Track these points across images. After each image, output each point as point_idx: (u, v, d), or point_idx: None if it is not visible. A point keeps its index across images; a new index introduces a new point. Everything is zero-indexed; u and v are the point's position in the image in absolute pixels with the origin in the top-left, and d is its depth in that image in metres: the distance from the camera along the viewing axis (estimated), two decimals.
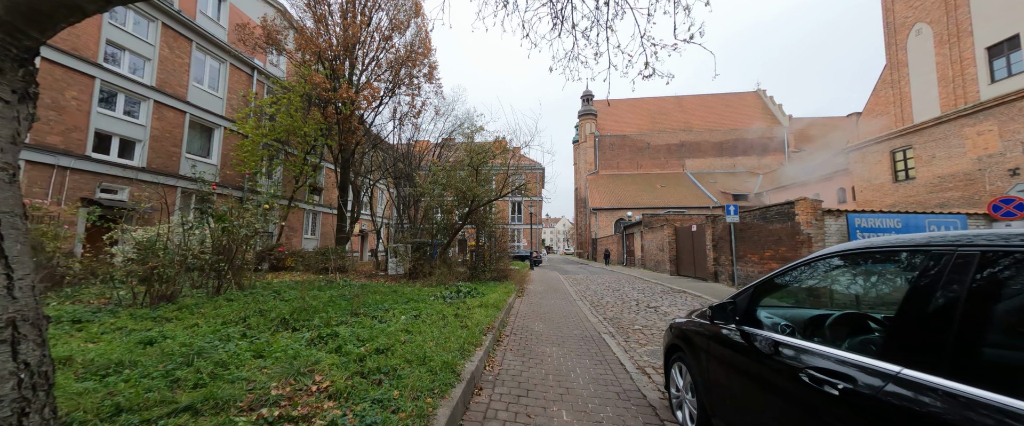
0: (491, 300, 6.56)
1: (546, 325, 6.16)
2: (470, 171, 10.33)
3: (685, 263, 17.32)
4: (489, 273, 10.55)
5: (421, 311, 5.26)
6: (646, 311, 8.30)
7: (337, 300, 5.82)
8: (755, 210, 11.60)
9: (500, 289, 8.65)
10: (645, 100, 62.07)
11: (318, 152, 13.79)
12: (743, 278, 12.00)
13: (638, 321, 7.12)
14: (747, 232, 11.86)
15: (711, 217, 14.31)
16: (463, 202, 10.54)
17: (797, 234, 9.41)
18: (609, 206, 42.20)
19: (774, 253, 10.54)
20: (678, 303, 9.55)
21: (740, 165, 51.42)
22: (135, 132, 12.34)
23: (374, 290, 7.23)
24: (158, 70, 12.94)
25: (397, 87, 12.81)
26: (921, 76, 21.57)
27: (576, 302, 9.18)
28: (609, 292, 11.62)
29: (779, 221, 10.33)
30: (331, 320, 4.42)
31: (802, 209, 9.31)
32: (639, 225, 24.70)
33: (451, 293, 6.97)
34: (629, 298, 10.42)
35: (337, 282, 7.85)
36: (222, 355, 2.96)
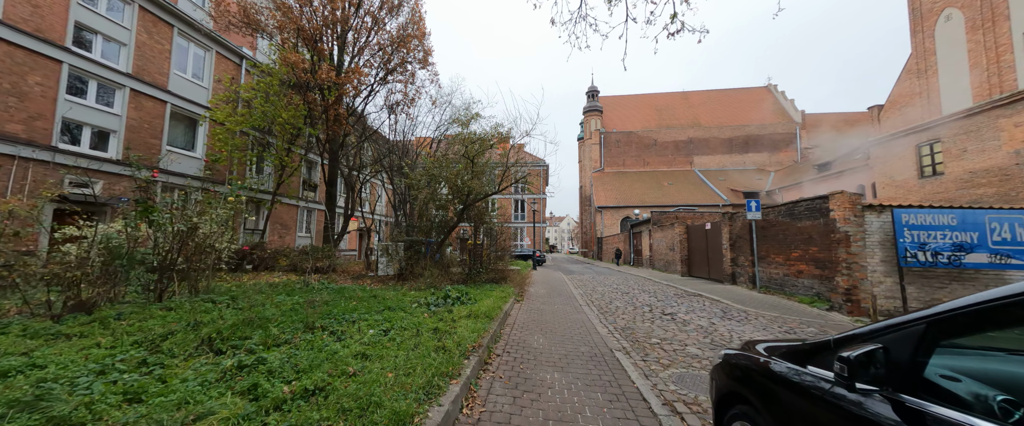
0: (484, 308, 5.60)
1: (547, 339, 5.19)
2: (466, 163, 9.39)
3: (698, 263, 16.24)
4: (486, 274, 9.60)
5: (394, 323, 4.33)
6: (662, 319, 7.29)
7: (300, 308, 4.91)
8: (780, 206, 10.51)
9: (496, 293, 7.69)
10: (652, 96, 60.71)
11: (303, 143, 12.81)
12: (765, 280, 10.92)
13: (655, 332, 6.12)
14: (771, 230, 10.78)
15: (729, 214, 13.23)
16: (459, 197, 9.60)
17: (832, 232, 8.33)
18: (615, 204, 41.07)
19: (803, 253, 9.46)
20: (696, 308, 8.53)
21: (750, 162, 49.96)
22: (109, 122, 11.55)
23: (351, 295, 6.32)
24: (135, 56, 12.14)
25: (390, 74, 11.86)
26: (951, 65, 20.22)
27: (582, 308, 8.19)
28: (618, 295, 10.62)
29: (809, 218, 9.25)
30: (274, 338, 3.50)
31: (838, 204, 8.23)
32: (647, 223, 23.61)
33: (438, 299, 6.04)
34: (640, 302, 9.42)
35: (314, 285, 6.97)
36: (78, 398, 2.05)
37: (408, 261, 9.83)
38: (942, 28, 20.73)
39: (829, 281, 8.56)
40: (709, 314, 7.99)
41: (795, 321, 7.40)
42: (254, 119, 9.91)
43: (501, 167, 9.83)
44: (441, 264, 9.70)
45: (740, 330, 6.48)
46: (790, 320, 7.47)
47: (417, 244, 10.21)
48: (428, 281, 8.02)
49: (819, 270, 8.93)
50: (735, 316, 7.79)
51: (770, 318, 7.67)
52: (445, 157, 9.74)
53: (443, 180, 9.01)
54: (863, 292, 7.84)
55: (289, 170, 11.71)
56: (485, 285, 8.69)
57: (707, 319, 7.43)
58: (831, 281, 8.46)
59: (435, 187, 9.69)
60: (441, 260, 10.92)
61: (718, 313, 8.10)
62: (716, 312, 8.24)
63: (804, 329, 6.71)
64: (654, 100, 59.41)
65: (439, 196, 9.75)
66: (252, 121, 9.92)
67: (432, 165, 9.11)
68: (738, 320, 7.41)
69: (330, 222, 11.91)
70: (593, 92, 57.14)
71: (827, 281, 8.65)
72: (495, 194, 9.76)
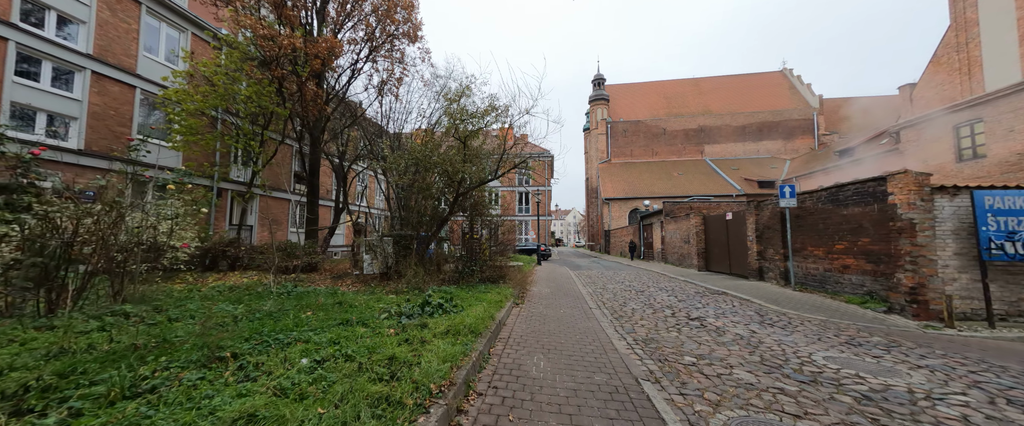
0: (470, 318, 4.42)
1: (550, 361, 4.00)
2: (457, 145, 8.19)
3: (717, 257, 14.90)
4: (483, 273, 8.44)
5: (341, 348, 3.18)
6: (690, 326, 6.06)
7: (228, 324, 3.80)
8: (820, 192, 9.14)
9: (491, 296, 6.52)
10: (660, 83, 58.63)
11: (279, 128, 11.45)
12: (801, 276, 9.60)
13: (686, 346, 4.90)
14: (807, 219, 9.42)
15: (754, 201, 11.86)
16: (450, 185, 8.41)
17: (892, 220, 6.98)
18: (623, 196, 39.62)
19: (850, 245, 8.12)
20: (726, 311, 7.27)
21: (764, 150, 47.96)
22: (68, 108, 10.52)
23: (310, 302, 5.19)
24: (96, 36, 11.05)
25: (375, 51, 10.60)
26: (996, 36, 18.33)
27: (592, 312, 6.99)
28: (632, 295, 9.40)
29: (859, 204, 7.88)
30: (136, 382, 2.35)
31: (901, 186, 6.86)
32: (659, 214, 22.22)
33: (416, 306, 4.88)
34: (659, 303, 8.19)
35: (273, 289, 5.86)
36: None
37: (397, 258, 8.71)
38: None
39: (886, 278, 7.23)
40: (743, 318, 6.74)
41: (851, 327, 6.13)
42: (212, 99, 8.68)
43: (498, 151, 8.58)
44: (432, 261, 8.54)
45: (790, 341, 5.23)
46: (844, 326, 6.19)
47: (406, 239, 9.06)
48: (410, 281, 6.88)
49: (872, 265, 7.59)
50: (775, 321, 6.53)
51: (818, 323, 6.40)
52: (432, 139, 8.52)
53: (430, 165, 7.80)
54: (933, 291, 6.51)
55: (263, 158, 10.50)
56: (479, 286, 7.52)
57: (744, 325, 6.18)
58: (889, 278, 7.13)
59: (424, 175, 8.50)
60: (433, 257, 9.78)
61: (753, 317, 6.84)
62: (750, 315, 6.99)
63: (867, 338, 5.44)
64: (663, 87, 57.34)
65: (429, 185, 8.58)
66: (211, 101, 8.72)
67: (417, 148, 7.90)
68: (781, 327, 6.16)
69: (313, 216, 10.83)
70: (599, 80, 55.26)
71: (883, 278, 7.31)
72: (492, 180, 8.57)
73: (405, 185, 9.39)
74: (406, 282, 6.98)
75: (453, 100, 7.88)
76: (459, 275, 8.06)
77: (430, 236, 8.98)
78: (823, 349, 4.87)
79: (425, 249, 8.31)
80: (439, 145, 8.16)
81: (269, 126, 10.25)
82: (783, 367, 4.13)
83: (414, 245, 8.63)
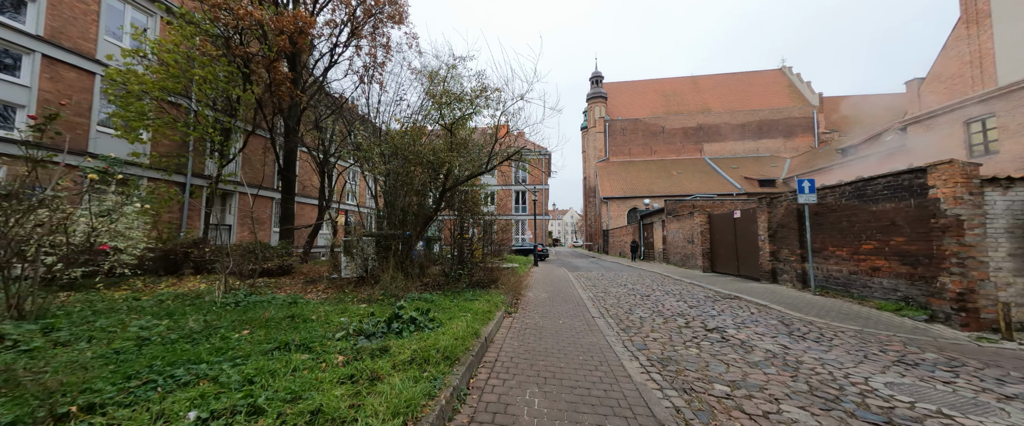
0: (447, 338, 3.54)
1: (547, 397, 3.11)
2: (444, 135, 7.29)
3: (723, 257, 14.10)
4: (474, 276, 7.54)
5: (254, 391, 2.27)
6: (710, 341, 5.20)
7: (127, 351, 2.90)
8: (843, 186, 8.32)
9: (479, 304, 5.63)
10: (658, 81, 57.97)
11: (248, 117, 10.36)
12: (821, 279, 8.78)
13: (712, 368, 4.04)
14: (828, 217, 8.61)
15: (766, 198, 11.04)
16: (436, 179, 7.51)
17: (933, 216, 6.16)
18: (621, 195, 38.85)
19: (880, 245, 7.29)
20: (746, 320, 6.42)
21: (764, 149, 47.38)
22: (14, 95, 9.51)
23: (256, 315, 4.27)
24: (47, 16, 10.04)
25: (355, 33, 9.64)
26: (1010, 27, 17.66)
27: (596, 322, 6.11)
28: (637, 300, 8.54)
29: (892, 199, 7.06)
30: None
31: (945, 177, 6.04)
32: (660, 213, 21.42)
33: (382, 321, 3.97)
34: (669, 310, 7.33)
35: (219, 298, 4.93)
36: None
37: (379, 260, 7.81)
38: None
39: (926, 282, 6.41)
40: (767, 328, 5.89)
41: (895, 340, 5.30)
42: (163, 80, 7.60)
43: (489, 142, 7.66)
44: (415, 264, 7.64)
45: (833, 360, 4.39)
46: (886, 339, 5.36)
47: (388, 239, 8.13)
48: (386, 287, 5.97)
49: (908, 267, 6.77)
50: (805, 332, 5.68)
51: (855, 335, 5.56)
52: (415, 127, 7.59)
53: (412, 156, 6.86)
54: (983, 297, 5.70)
55: (226, 148, 9.46)
56: (467, 292, 6.64)
57: (772, 338, 5.33)
58: (930, 282, 6.31)
59: (407, 167, 7.59)
60: (419, 258, 8.88)
61: (779, 327, 5.99)
62: (774, 325, 6.14)
63: (919, 355, 4.61)
64: (661, 85, 56.70)
65: (412, 179, 7.67)
66: (161, 82, 7.68)
67: (396, 136, 6.96)
68: (814, 339, 5.32)
69: (288, 214, 9.90)
70: (597, 78, 54.49)
71: (922, 282, 6.49)
72: (483, 173, 7.67)
73: (390, 180, 8.48)
74: (381, 288, 6.07)
75: (437, 80, 6.95)
76: (446, 279, 7.16)
77: (415, 235, 8.07)
78: (877, 372, 4.02)
79: (409, 250, 7.41)
80: (423, 134, 7.25)
81: (236, 114, 9.25)
82: (841, 400, 3.27)
83: (397, 246, 7.72)
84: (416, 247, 10.81)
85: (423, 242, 11.36)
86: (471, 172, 7.69)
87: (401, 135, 7.00)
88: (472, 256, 8.77)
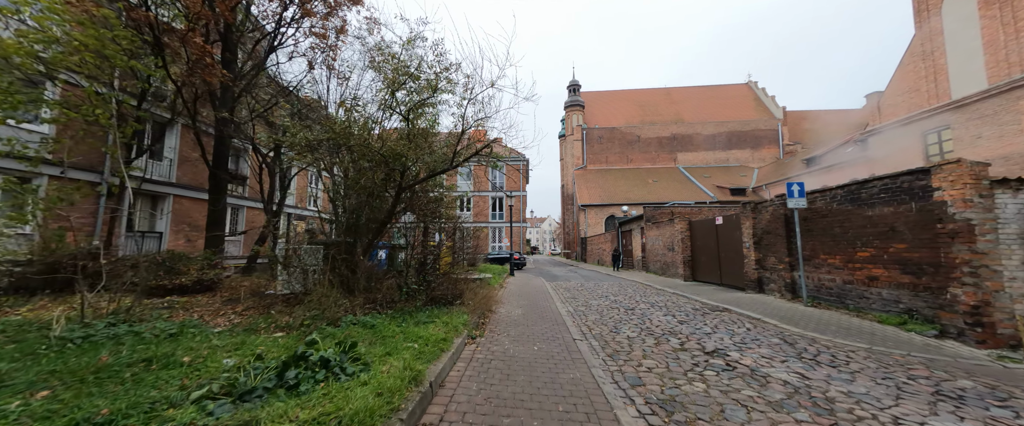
0: (368, 392, 2.40)
1: None
2: (399, 124, 6.15)
3: (705, 266, 13.59)
4: (435, 290, 6.37)
5: None
6: (714, 369, 4.31)
7: None
8: (835, 190, 7.84)
9: (433, 329, 4.50)
10: (634, 91, 59.15)
11: (168, 101, 8.59)
12: (814, 289, 8.22)
13: (730, 414, 3.10)
14: (819, 222, 8.10)
15: (751, 204, 10.56)
16: (388, 173, 6.33)
17: (940, 221, 5.64)
18: (599, 202, 38.65)
19: (878, 253, 6.76)
20: (745, 339, 5.62)
21: (734, 159, 48.90)
22: None
23: (90, 360, 2.93)
24: None
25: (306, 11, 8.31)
26: (961, 44, 18.63)
27: (577, 347, 5.10)
28: (622, 314, 7.64)
29: (891, 202, 6.56)
30: None
31: (952, 178, 5.54)
32: (639, 220, 20.97)
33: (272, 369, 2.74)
34: (658, 326, 6.46)
35: (58, 330, 3.52)
36: None
37: (330, 272, 6.49)
38: (950, 5, 19.19)
39: (932, 293, 5.86)
40: (773, 350, 5.09)
41: (912, 362, 4.62)
42: (14, 48, 5.82)
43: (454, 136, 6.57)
44: (366, 276, 6.38)
45: (862, 393, 3.58)
46: (901, 359, 4.68)
47: (336, 247, 6.83)
48: (321, 308, 4.70)
49: (910, 277, 6.23)
50: (815, 354, 4.92)
51: (867, 355, 4.86)
52: (355, 106, 6.36)
53: (355, 145, 5.61)
54: (1000, 311, 5.16)
55: (119, 137, 7.74)
56: (423, 311, 5.48)
57: (782, 364, 4.51)
58: (937, 294, 5.76)
59: (358, 163, 6.36)
60: (379, 269, 7.62)
61: (783, 348, 5.22)
62: (777, 345, 5.37)
63: (949, 381, 3.90)
64: (636, 96, 57.85)
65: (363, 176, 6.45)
66: (25, 49, 5.99)
67: (339, 124, 5.69)
68: (829, 364, 4.55)
69: (217, 219, 8.37)
70: (575, 86, 54.86)
71: (928, 293, 5.94)
72: (446, 171, 6.57)
73: (338, 178, 7.22)
74: (311, 308, 4.79)
75: (390, 56, 5.77)
76: (401, 295, 5.96)
77: (366, 243, 6.81)
78: (927, 412, 3.21)
79: (354, 261, 6.15)
80: (363, 121, 6.04)
81: (146, 97, 7.66)
82: None
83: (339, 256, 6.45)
84: (379, 256, 9.50)
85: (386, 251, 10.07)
86: (432, 169, 6.59)
87: (343, 123, 5.75)
88: (436, 267, 7.61)
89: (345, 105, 6.26)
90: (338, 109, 6.60)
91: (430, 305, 5.94)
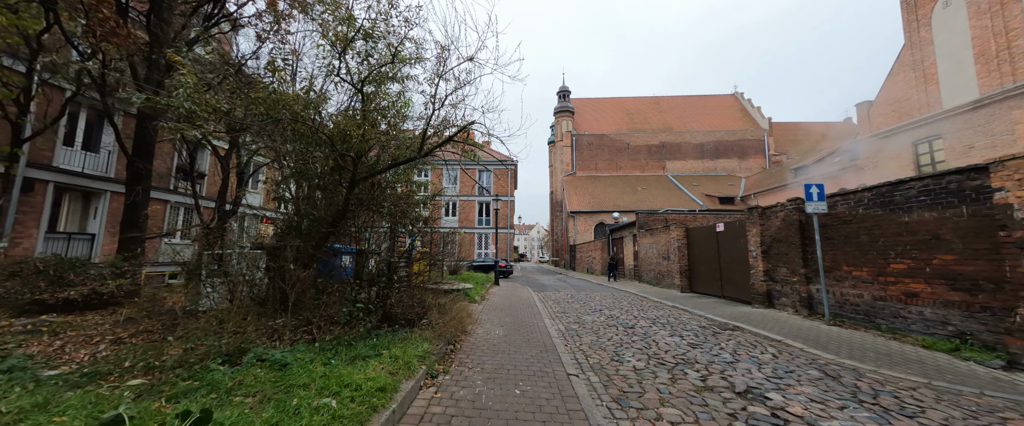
0: None
1: None
2: (354, 103, 4.92)
3: (704, 276, 12.63)
4: (392, 307, 5.09)
5: None
6: (760, 422, 3.16)
7: None
8: (862, 192, 6.92)
9: (372, 371, 3.23)
10: (623, 99, 59.16)
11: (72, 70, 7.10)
12: (836, 305, 7.25)
13: None
14: (841, 229, 7.17)
15: (758, 209, 9.64)
16: (345, 166, 5.07)
17: (1002, 227, 4.71)
18: (588, 209, 37.83)
19: (919, 265, 5.82)
20: (779, 371, 4.52)
21: (721, 168, 49.06)
22: None
23: None
24: None
25: None
26: (951, 54, 18.55)
27: (571, 386, 3.90)
28: (622, 334, 6.49)
29: (933, 206, 5.64)
30: None
31: (1018, 177, 4.62)
32: (631, 227, 20.04)
33: None
34: (668, 352, 5.32)
35: None
36: None
37: (271, 284, 5.14)
38: (940, 15, 19.18)
39: (994, 314, 4.91)
40: (818, 388, 4.00)
41: (995, 402, 3.64)
42: None
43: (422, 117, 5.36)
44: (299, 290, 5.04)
45: None
46: (985, 402, 3.65)
47: (280, 252, 5.47)
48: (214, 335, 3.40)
49: (962, 293, 5.28)
50: (874, 395, 3.84)
51: (934, 395, 3.82)
52: (288, 67, 5.09)
53: (304, 126, 4.32)
54: None
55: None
56: (369, 339, 4.20)
57: (841, 412, 3.42)
58: (1000, 315, 4.81)
59: (305, 149, 5.08)
60: (339, 279, 6.29)
61: (828, 383, 4.14)
62: (819, 380, 4.29)
63: None
64: (625, 103, 57.85)
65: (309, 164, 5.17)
66: None
67: (264, 92, 4.36)
68: (897, 410, 3.49)
69: (134, 219, 6.88)
70: (564, 92, 54.49)
71: (986, 314, 4.99)
72: (413, 161, 5.35)
73: (286, 171, 5.89)
74: (182, 338, 3.44)
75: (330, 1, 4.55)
76: (343, 316, 4.64)
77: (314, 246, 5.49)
78: None
79: (288, 270, 4.82)
80: (323, 101, 4.80)
81: (37, 56, 6.17)
82: None
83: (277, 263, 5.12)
84: (342, 263, 8.11)
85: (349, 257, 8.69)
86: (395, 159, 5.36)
87: (269, 88, 4.43)
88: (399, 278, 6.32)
89: (273, 65, 4.94)
90: (266, 72, 5.29)
91: (383, 327, 4.65)
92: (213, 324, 3.70)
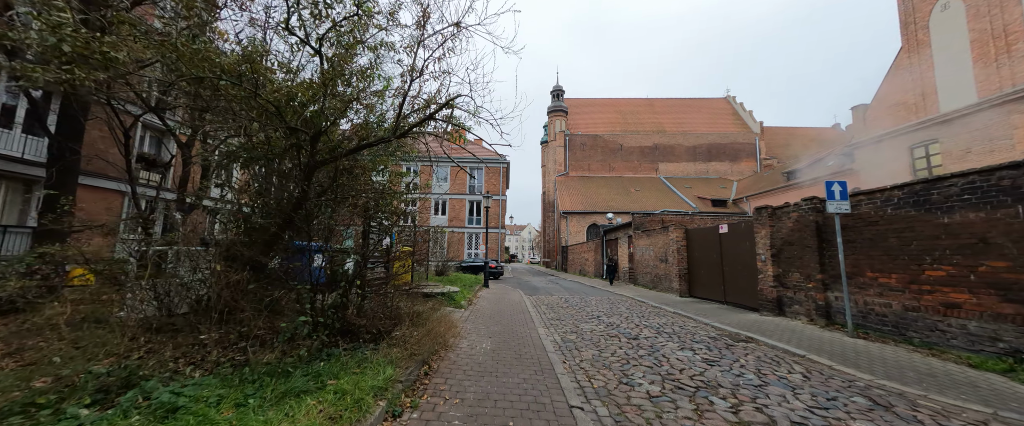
0: None
1: None
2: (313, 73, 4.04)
3: (705, 280, 11.96)
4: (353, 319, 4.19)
5: None
6: None
7: None
8: (891, 190, 6.26)
9: (305, 412, 2.33)
10: (616, 100, 58.88)
11: None
12: (859, 314, 6.57)
13: None
14: (866, 232, 6.51)
15: (768, 210, 8.98)
16: (300, 145, 4.16)
17: None
18: (581, 209, 37.20)
19: (961, 271, 5.15)
20: (818, 398, 3.76)
21: (713, 171, 49.08)
22: None
23: None
24: None
25: None
26: (949, 57, 18.36)
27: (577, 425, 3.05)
28: (626, 346, 5.68)
29: (980, 206, 4.98)
30: None
31: None
32: (626, 228, 19.36)
33: None
34: (683, 372, 4.52)
35: None
36: None
37: (221, 287, 4.18)
38: (938, 17, 19.02)
39: None
40: (874, 423, 3.24)
41: None
42: None
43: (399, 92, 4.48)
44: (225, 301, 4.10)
45: None
46: None
47: (236, 250, 4.51)
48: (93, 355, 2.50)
49: (1015, 305, 4.61)
50: None
51: None
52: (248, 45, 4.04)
53: (204, 79, 3.33)
54: None
55: None
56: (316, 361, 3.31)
57: None
58: None
59: (240, 118, 4.11)
60: (309, 283, 5.32)
61: (879, 414, 3.39)
62: (863, 407, 3.57)
63: None
64: (619, 104, 57.58)
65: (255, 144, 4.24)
66: None
67: (181, 44, 3.36)
68: None
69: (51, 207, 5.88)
70: (558, 91, 53.89)
71: None
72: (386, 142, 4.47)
73: (226, 151, 4.94)
74: (62, 363, 2.53)
75: None
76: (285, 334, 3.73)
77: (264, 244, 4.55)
78: None
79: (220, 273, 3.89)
80: (255, 48, 3.89)
81: None
82: None
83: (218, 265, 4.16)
84: (318, 265, 7.13)
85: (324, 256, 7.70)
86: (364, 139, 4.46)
87: (184, 36, 3.43)
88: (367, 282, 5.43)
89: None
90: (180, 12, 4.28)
91: (342, 343, 3.74)
92: (102, 342, 2.75)
